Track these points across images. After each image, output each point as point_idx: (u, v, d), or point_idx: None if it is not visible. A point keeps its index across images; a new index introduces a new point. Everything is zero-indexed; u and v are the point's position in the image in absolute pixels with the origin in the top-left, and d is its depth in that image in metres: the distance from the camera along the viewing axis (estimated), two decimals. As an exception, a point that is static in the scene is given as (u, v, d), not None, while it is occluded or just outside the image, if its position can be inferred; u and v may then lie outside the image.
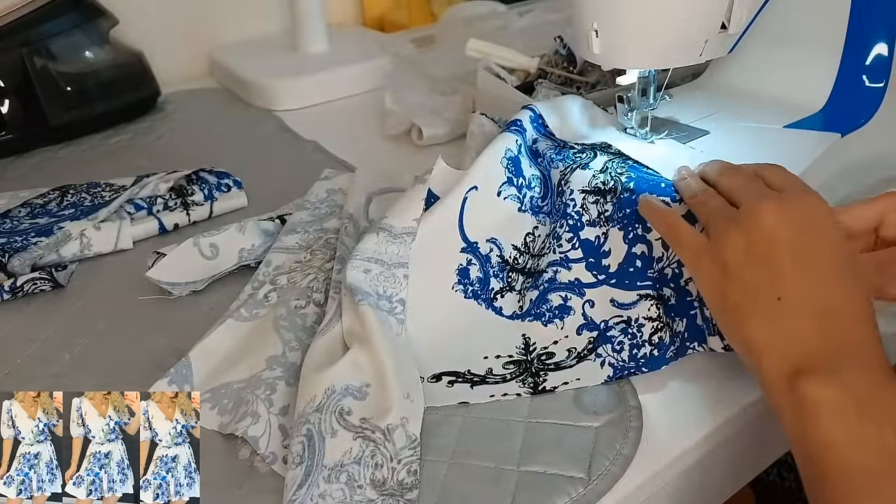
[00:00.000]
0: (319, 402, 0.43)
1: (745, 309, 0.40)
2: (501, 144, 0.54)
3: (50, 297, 0.58)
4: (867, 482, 0.34)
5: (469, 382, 0.47)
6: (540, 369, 0.48)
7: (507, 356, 0.49)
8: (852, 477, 0.34)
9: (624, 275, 0.49)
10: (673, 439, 0.44)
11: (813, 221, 0.40)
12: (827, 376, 0.36)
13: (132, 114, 0.91)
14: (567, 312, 0.50)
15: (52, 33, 0.83)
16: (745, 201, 0.42)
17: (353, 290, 0.48)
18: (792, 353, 0.38)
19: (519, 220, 0.54)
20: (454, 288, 0.52)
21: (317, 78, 0.95)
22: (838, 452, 0.35)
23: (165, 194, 0.68)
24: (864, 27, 0.58)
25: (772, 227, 0.40)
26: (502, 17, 1.00)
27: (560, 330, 0.50)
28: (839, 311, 0.39)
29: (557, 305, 0.50)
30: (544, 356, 0.49)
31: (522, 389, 0.46)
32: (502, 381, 0.47)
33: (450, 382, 0.47)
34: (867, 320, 0.39)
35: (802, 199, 0.41)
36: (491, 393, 0.46)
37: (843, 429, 0.35)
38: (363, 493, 0.40)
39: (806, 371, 0.37)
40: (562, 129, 0.58)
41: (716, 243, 0.42)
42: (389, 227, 0.52)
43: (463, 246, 0.52)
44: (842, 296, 0.39)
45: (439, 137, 0.79)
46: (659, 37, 0.52)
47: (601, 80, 0.76)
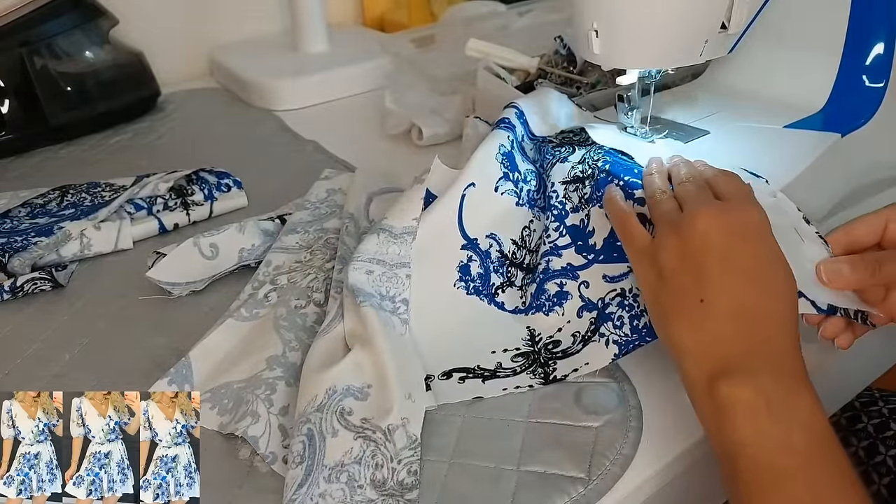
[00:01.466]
0: (321, 401, 0.43)
1: (672, 310, 0.42)
2: (495, 141, 0.55)
3: (50, 297, 0.58)
4: (773, 481, 0.35)
5: (480, 377, 0.47)
6: (548, 359, 0.48)
7: (515, 349, 0.49)
8: (760, 475, 0.36)
9: (611, 248, 0.50)
10: (673, 439, 0.44)
11: (746, 230, 0.41)
12: (742, 377, 0.38)
13: (132, 114, 0.91)
14: (565, 298, 0.50)
15: (52, 33, 0.83)
16: (687, 208, 0.44)
17: (354, 292, 0.48)
18: (711, 354, 0.39)
19: (517, 214, 0.55)
20: (456, 285, 0.52)
21: (317, 78, 0.95)
22: (748, 451, 0.36)
23: (165, 194, 0.68)
24: (864, 27, 0.58)
25: (705, 232, 0.41)
26: (502, 17, 1.00)
27: (561, 316, 0.50)
28: (760, 316, 0.40)
29: (555, 293, 0.51)
30: (550, 345, 0.49)
31: (534, 381, 0.47)
32: (513, 374, 0.47)
33: (461, 379, 0.47)
34: (788, 327, 0.40)
35: (741, 210, 0.42)
36: (503, 386, 0.46)
37: (753, 428, 0.36)
38: (363, 492, 0.40)
39: (723, 373, 0.38)
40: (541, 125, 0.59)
41: (656, 246, 0.43)
42: (390, 228, 0.52)
43: (463, 243, 0.53)
44: (766, 302, 0.40)
45: (439, 137, 0.79)
46: (659, 37, 0.52)
47: (601, 80, 0.76)
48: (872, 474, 0.64)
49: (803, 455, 0.36)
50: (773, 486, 0.35)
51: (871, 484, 0.64)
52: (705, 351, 0.40)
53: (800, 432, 0.36)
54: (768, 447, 0.36)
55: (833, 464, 0.36)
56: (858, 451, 0.66)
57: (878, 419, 0.68)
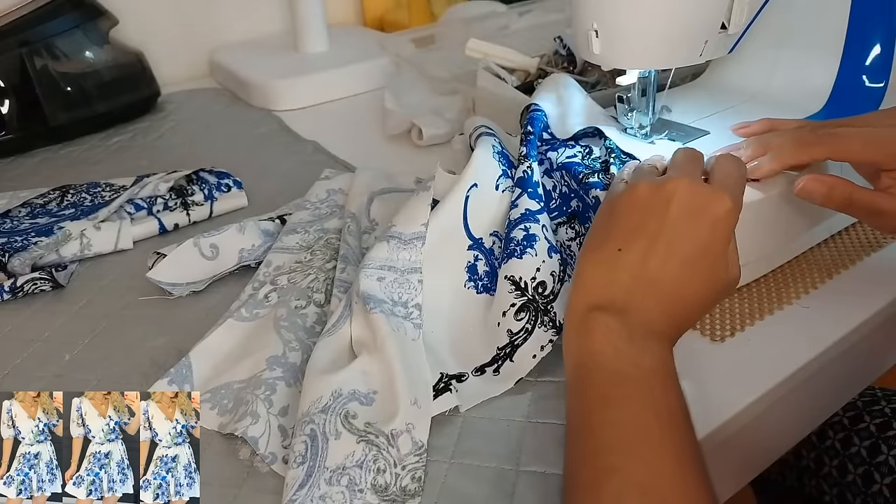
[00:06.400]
0: (325, 403, 0.43)
1: (594, 244, 0.44)
2: (488, 142, 0.56)
3: (50, 297, 0.58)
4: (616, 382, 0.38)
5: (507, 358, 0.47)
6: (545, 304, 0.48)
7: (510, 305, 0.49)
8: (606, 377, 0.39)
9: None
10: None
11: (706, 215, 0.42)
12: (616, 314, 0.40)
13: (132, 114, 0.91)
14: (534, 239, 0.51)
15: (52, 33, 0.83)
16: (668, 172, 0.46)
17: (365, 299, 0.48)
18: (600, 292, 0.42)
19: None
20: (466, 286, 0.52)
21: (317, 78, 0.95)
22: (600, 358, 0.39)
23: (165, 194, 0.68)
24: (864, 27, 0.58)
25: (667, 197, 0.43)
26: (502, 17, 1.00)
27: (535, 257, 0.50)
28: (663, 288, 0.41)
29: (523, 237, 0.51)
30: (539, 287, 0.49)
31: (550, 333, 0.47)
32: (528, 335, 0.47)
33: (495, 371, 0.47)
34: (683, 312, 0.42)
35: (713, 195, 0.43)
36: (533, 353, 0.47)
37: (610, 343, 0.39)
38: (364, 497, 0.40)
39: (601, 307, 0.41)
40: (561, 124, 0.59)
41: (624, 189, 0.45)
42: (399, 235, 0.52)
43: (469, 244, 0.53)
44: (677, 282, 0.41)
45: (439, 137, 0.79)
46: (659, 37, 0.52)
47: (601, 80, 0.76)
48: (875, 474, 0.64)
49: (649, 371, 0.39)
50: (616, 385, 0.38)
51: (874, 483, 0.64)
52: (597, 288, 0.42)
53: (650, 358, 0.39)
54: (619, 358, 0.39)
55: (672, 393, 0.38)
56: (861, 450, 0.66)
57: (881, 419, 0.68)
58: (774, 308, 0.52)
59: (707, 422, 0.44)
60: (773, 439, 0.54)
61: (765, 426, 0.49)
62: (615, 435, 0.36)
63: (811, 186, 0.49)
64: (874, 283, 0.54)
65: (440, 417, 0.45)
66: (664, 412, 0.37)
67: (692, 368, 0.48)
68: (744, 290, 0.54)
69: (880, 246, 0.58)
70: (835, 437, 0.69)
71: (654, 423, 0.36)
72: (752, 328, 0.51)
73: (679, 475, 0.35)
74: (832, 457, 0.69)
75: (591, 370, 0.39)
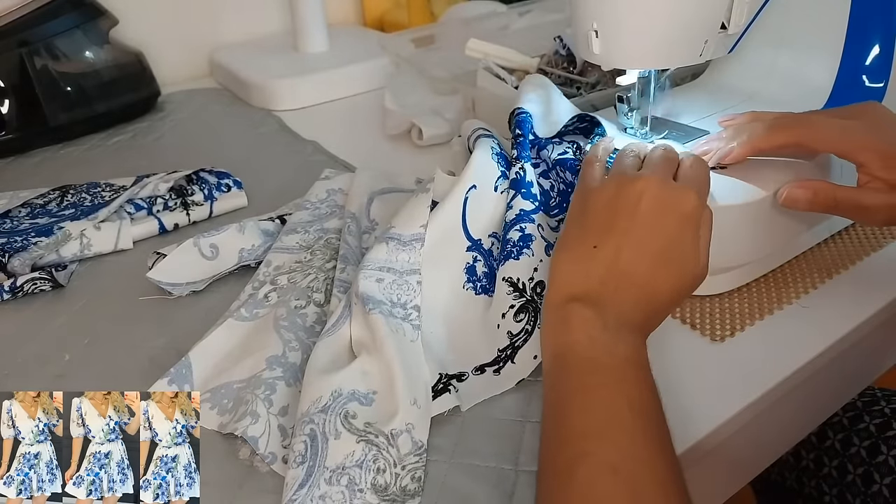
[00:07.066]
0: (325, 403, 0.43)
1: (568, 243, 0.45)
2: (486, 143, 0.56)
3: (50, 297, 0.58)
4: (592, 370, 0.39)
5: (509, 360, 0.47)
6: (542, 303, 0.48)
7: (509, 307, 0.49)
8: (582, 365, 0.40)
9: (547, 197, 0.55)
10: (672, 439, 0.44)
11: (674, 212, 0.43)
12: (592, 306, 0.42)
13: (132, 114, 0.91)
14: (529, 240, 0.51)
15: (52, 33, 0.83)
16: (641, 171, 0.47)
17: (364, 300, 0.48)
18: (577, 284, 0.43)
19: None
20: (465, 287, 0.53)
21: (317, 78, 0.95)
22: (577, 347, 0.40)
23: (165, 194, 0.68)
24: (864, 27, 0.58)
25: (638, 194, 0.44)
26: (502, 17, 1.00)
27: (532, 257, 0.50)
28: (636, 283, 0.42)
29: (518, 238, 0.51)
30: (538, 288, 0.49)
31: None
32: (528, 335, 0.48)
33: (496, 371, 0.47)
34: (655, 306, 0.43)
35: (682, 192, 0.44)
36: (534, 354, 0.47)
37: (586, 333, 0.40)
38: (363, 497, 0.40)
39: (577, 297, 0.42)
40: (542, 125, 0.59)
41: (599, 185, 0.47)
42: (398, 236, 0.52)
43: (468, 245, 0.53)
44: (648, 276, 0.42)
45: (439, 137, 0.79)
46: (659, 37, 0.52)
47: (601, 80, 0.76)
48: (874, 474, 0.64)
49: (622, 360, 0.40)
50: (590, 373, 0.39)
51: (873, 484, 0.64)
52: (573, 281, 0.43)
53: (624, 348, 0.40)
54: (594, 346, 0.40)
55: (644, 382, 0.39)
56: (860, 450, 0.66)
57: (881, 419, 0.68)
58: (774, 308, 0.52)
59: (707, 422, 0.44)
60: (773, 439, 0.54)
61: (764, 426, 0.49)
62: (588, 421, 0.37)
63: (795, 193, 0.49)
64: (874, 283, 0.54)
65: (440, 417, 0.45)
66: (636, 399, 0.38)
67: (692, 368, 0.48)
68: (744, 290, 0.54)
69: (880, 246, 0.58)
70: (834, 438, 0.69)
71: (625, 410, 0.37)
72: (752, 328, 0.51)
73: (648, 457, 0.36)
74: (832, 457, 0.69)
75: (567, 359, 0.40)
